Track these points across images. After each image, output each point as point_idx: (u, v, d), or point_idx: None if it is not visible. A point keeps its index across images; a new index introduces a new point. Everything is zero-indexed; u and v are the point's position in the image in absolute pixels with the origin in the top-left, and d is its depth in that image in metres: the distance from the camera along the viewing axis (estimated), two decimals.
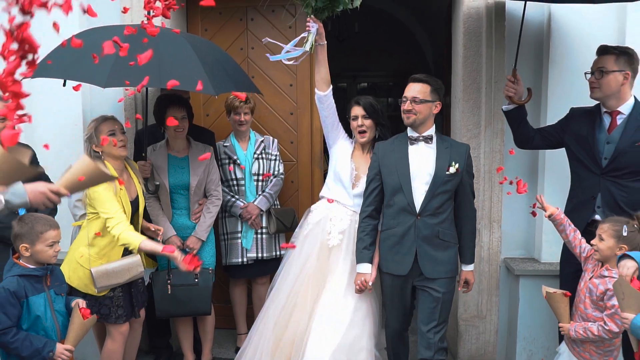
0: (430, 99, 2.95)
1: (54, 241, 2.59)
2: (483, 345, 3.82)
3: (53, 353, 2.56)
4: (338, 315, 3.00)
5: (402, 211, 2.96)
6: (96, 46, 2.61)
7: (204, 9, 4.23)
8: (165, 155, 3.44)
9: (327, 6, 3.05)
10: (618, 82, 2.90)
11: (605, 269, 2.65)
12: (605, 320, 2.58)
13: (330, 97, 3.21)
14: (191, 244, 3.40)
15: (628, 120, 2.92)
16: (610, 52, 2.94)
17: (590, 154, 2.96)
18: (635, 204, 2.84)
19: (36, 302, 2.57)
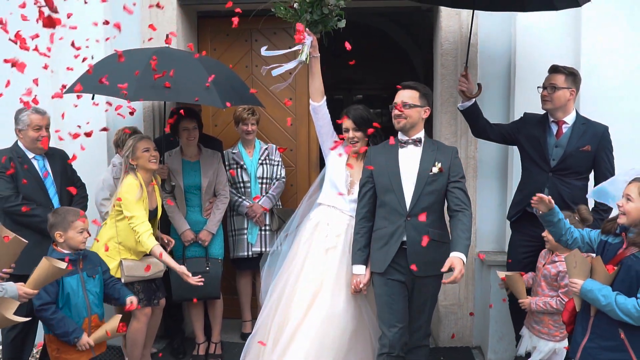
0: (419, 104, 3.07)
1: (83, 228, 3.08)
2: (461, 329, 4.30)
3: (78, 339, 2.99)
4: (333, 314, 3.07)
5: (392, 211, 3.04)
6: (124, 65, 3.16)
7: (213, 32, 4.76)
8: (180, 160, 3.93)
9: (322, 20, 3.23)
10: (566, 97, 3.44)
11: (555, 255, 3.14)
12: (561, 296, 3.06)
13: (325, 108, 3.34)
14: (203, 236, 3.88)
15: (572, 129, 3.45)
16: (561, 72, 3.46)
17: (541, 154, 3.47)
18: (576, 198, 3.36)
19: (69, 282, 3.04)
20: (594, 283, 2.45)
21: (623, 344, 2.39)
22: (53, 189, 3.61)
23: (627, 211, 2.44)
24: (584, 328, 2.55)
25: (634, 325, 2.36)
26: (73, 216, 3.07)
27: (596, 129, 3.45)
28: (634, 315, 2.32)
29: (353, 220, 3.23)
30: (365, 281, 3.10)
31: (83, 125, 3.96)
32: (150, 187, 3.55)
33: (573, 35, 3.94)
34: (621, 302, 2.35)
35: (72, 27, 3.74)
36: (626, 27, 3.88)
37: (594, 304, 2.46)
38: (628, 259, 2.42)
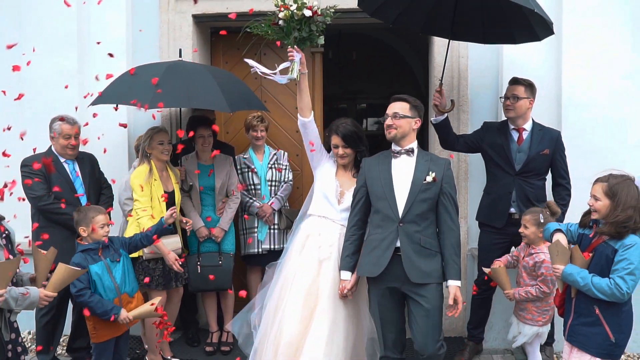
0: (410, 115, 3.16)
1: (104, 223, 3.45)
2: (455, 321, 4.62)
3: (118, 315, 3.37)
4: (337, 321, 3.17)
5: (385, 218, 3.12)
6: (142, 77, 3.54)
7: (225, 46, 5.15)
8: (195, 164, 4.31)
9: (309, 36, 3.33)
10: (526, 107, 3.84)
11: (531, 248, 3.49)
12: (539, 284, 3.40)
13: (313, 123, 3.42)
14: (216, 232, 4.25)
15: (532, 135, 3.84)
16: (521, 83, 3.88)
17: (506, 160, 3.84)
18: (539, 197, 3.79)
19: (93, 269, 3.38)
20: (573, 267, 2.80)
21: (598, 320, 2.74)
22: (82, 189, 3.98)
23: (597, 209, 2.80)
24: (569, 310, 2.90)
25: (608, 303, 2.70)
26: (94, 212, 3.44)
27: (552, 134, 3.87)
28: (607, 292, 2.66)
29: (344, 229, 3.31)
30: (350, 286, 3.17)
31: (105, 133, 4.41)
32: (165, 173, 3.99)
33: (555, 55, 4.34)
34: (596, 282, 2.69)
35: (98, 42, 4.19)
36: (604, 43, 4.28)
37: (574, 285, 2.81)
38: (600, 246, 2.77)
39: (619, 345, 2.73)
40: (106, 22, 4.67)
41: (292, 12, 3.28)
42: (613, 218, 2.70)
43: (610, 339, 2.70)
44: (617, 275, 2.63)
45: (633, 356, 4.29)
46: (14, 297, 2.73)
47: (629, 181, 2.77)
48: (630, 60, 4.29)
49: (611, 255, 2.69)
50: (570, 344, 2.87)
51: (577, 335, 2.80)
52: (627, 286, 2.61)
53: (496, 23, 3.85)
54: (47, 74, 4.57)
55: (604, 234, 2.75)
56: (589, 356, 2.76)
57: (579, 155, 4.08)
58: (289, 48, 3.34)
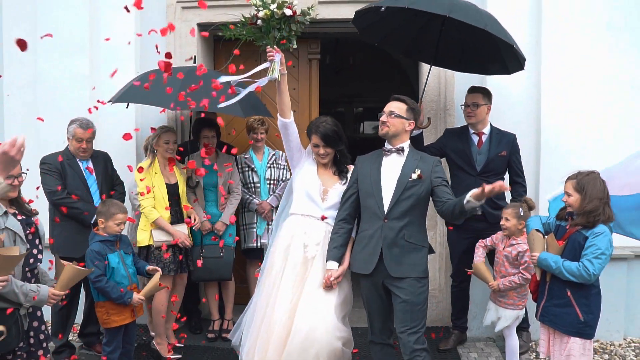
0: (405, 116, 3.21)
1: (121, 221, 3.73)
2: (442, 312, 4.93)
3: (130, 299, 3.66)
4: (316, 316, 3.13)
5: (372, 215, 3.19)
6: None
7: (228, 52, 5.43)
8: (200, 162, 4.60)
9: (289, 37, 3.29)
10: (485, 112, 4.20)
11: (512, 239, 3.79)
12: (522, 272, 3.70)
13: (294, 123, 3.41)
14: (218, 226, 4.54)
15: (490, 138, 4.19)
16: (479, 91, 4.23)
17: (467, 162, 4.17)
18: (500, 195, 4.07)
19: (112, 259, 3.68)
20: (547, 254, 3.11)
21: (570, 301, 3.03)
22: (95, 186, 4.27)
23: (570, 203, 3.11)
24: (542, 292, 3.21)
25: (578, 286, 3.00)
26: (116, 209, 3.71)
27: (508, 138, 4.22)
28: (576, 273, 2.96)
29: (329, 226, 3.35)
30: (337, 275, 3.20)
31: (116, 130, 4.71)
32: (167, 167, 4.32)
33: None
34: (567, 265, 3.00)
35: (107, 38, 4.48)
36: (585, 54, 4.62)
37: (548, 270, 3.11)
38: (573, 234, 3.08)
39: (588, 324, 3.03)
40: (116, 29, 4.97)
41: (272, 11, 3.26)
42: (583, 209, 3.01)
43: (580, 318, 3.00)
44: (586, 258, 2.94)
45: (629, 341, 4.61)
46: (24, 292, 2.94)
47: (594, 175, 3.09)
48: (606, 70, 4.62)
49: (582, 242, 3.00)
50: (543, 324, 3.16)
51: (550, 315, 3.10)
52: (594, 268, 2.91)
53: (474, 54, 4.21)
54: (61, 77, 4.88)
55: (578, 225, 3.05)
56: (566, 337, 3.05)
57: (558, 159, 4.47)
58: (268, 48, 3.29)
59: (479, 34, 3.68)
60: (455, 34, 4.03)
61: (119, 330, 3.74)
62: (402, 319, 3.13)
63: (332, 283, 3.20)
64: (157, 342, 4.30)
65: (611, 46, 4.63)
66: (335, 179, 3.46)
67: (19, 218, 3.16)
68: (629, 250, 4.59)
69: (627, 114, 4.63)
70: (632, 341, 4.63)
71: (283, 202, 3.63)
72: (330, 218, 3.37)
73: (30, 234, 3.21)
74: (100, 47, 4.95)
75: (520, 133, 4.59)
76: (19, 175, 3.19)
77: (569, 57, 4.60)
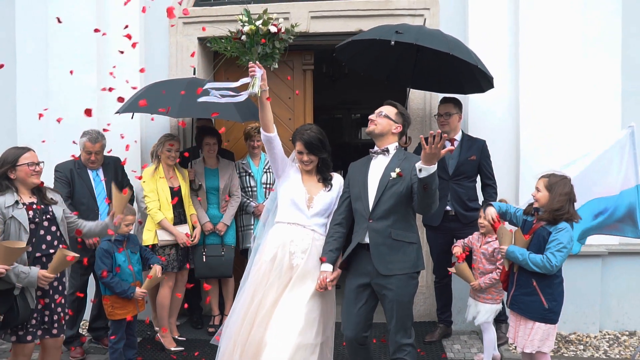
0: (394, 119, 3.27)
1: (130, 223, 4.05)
2: (429, 307, 5.23)
3: (133, 294, 3.98)
4: (295, 321, 3.16)
5: (360, 217, 3.26)
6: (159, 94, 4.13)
7: (227, 63, 5.74)
8: (202, 168, 4.93)
9: (272, 53, 3.29)
10: (457, 120, 4.52)
11: (488, 237, 4.08)
12: (499, 267, 3.98)
13: (277, 137, 3.42)
14: (220, 227, 4.86)
15: (461, 144, 4.51)
16: (450, 101, 4.57)
17: (440, 166, 4.36)
18: (472, 197, 4.48)
19: (119, 257, 4.00)
20: (514, 247, 3.40)
21: (535, 290, 3.32)
22: (103, 193, 4.56)
23: (538, 198, 3.41)
24: (512, 282, 3.49)
25: (542, 276, 3.28)
26: (126, 212, 4.02)
27: (478, 143, 4.53)
28: (540, 265, 3.24)
29: (316, 233, 3.38)
30: (332, 277, 3.25)
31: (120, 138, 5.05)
32: (172, 173, 4.66)
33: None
34: (532, 257, 3.29)
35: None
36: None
37: (515, 262, 3.39)
38: (538, 229, 3.37)
39: (552, 311, 3.31)
40: (122, 43, 5.29)
41: (257, 27, 3.27)
42: (550, 206, 3.31)
43: (544, 305, 3.29)
44: (549, 252, 3.23)
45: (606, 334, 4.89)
46: (16, 273, 3.19)
47: (565, 180, 3.39)
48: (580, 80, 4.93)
49: (546, 237, 3.29)
50: (513, 311, 3.46)
51: (519, 303, 3.39)
52: (556, 260, 3.20)
53: (449, 76, 4.58)
54: (71, 90, 5.22)
55: (543, 220, 3.35)
56: (531, 322, 3.34)
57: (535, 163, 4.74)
58: (250, 64, 3.28)
59: (450, 58, 4.06)
60: (430, 59, 4.41)
61: (122, 322, 4.05)
62: (390, 315, 3.21)
63: (328, 285, 3.25)
64: (161, 335, 4.60)
65: (585, 57, 4.93)
66: (320, 186, 3.49)
67: (36, 208, 3.43)
68: (603, 248, 4.88)
69: (601, 120, 4.92)
70: (607, 333, 4.91)
71: (267, 208, 3.65)
72: (316, 225, 3.40)
73: (46, 221, 3.46)
74: (108, 62, 5.29)
75: (501, 139, 4.94)
76: (38, 164, 3.48)
77: (545, 68, 4.92)
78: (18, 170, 3.42)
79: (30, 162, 3.44)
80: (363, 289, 3.27)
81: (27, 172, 3.42)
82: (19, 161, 3.42)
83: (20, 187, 3.45)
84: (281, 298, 3.24)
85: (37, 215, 3.43)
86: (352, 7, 5.26)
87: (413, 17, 5.18)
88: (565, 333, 4.87)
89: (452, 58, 4.07)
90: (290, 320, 3.16)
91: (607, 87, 4.95)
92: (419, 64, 4.50)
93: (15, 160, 3.42)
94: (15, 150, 3.50)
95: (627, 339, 4.80)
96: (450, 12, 5.18)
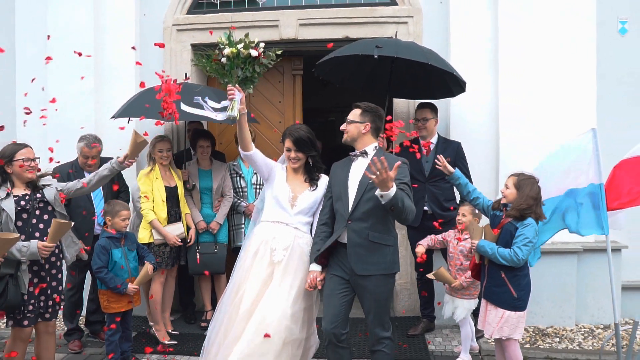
0: (359, 120, 3.35)
1: (126, 217, 4.25)
2: (413, 302, 5.44)
3: (125, 289, 4.17)
4: (279, 317, 3.26)
5: (340, 217, 3.35)
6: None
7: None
8: (196, 169, 5.15)
9: (251, 77, 3.34)
10: (433, 125, 4.77)
11: (465, 234, 4.30)
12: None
13: (256, 152, 3.51)
14: (213, 226, 5.08)
15: (436, 147, 4.77)
16: (427, 107, 4.82)
17: (417, 169, 4.73)
18: (448, 197, 4.71)
19: (116, 253, 4.19)
20: (484, 241, 3.61)
21: (504, 282, 3.52)
22: (100, 195, 4.76)
23: (506, 195, 3.63)
24: (483, 275, 3.70)
25: (510, 269, 3.49)
26: (120, 207, 4.24)
27: (453, 145, 4.77)
28: (507, 258, 3.45)
29: (299, 231, 3.49)
30: (322, 277, 3.39)
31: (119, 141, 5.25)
32: (168, 173, 4.87)
33: None
34: (500, 251, 3.50)
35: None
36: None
37: (485, 255, 3.60)
38: (506, 225, 3.58)
39: (520, 299, 3.52)
40: (118, 50, 5.53)
41: (238, 50, 3.30)
42: (518, 205, 3.52)
43: (513, 295, 3.51)
44: (516, 246, 3.44)
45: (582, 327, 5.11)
46: (18, 249, 3.41)
47: (533, 180, 3.60)
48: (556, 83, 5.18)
49: (513, 232, 3.51)
50: (486, 300, 3.67)
51: (491, 294, 3.60)
52: (522, 254, 3.42)
53: (421, 84, 4.86)
54: (69, 94, 5.42)
55: (510, 217, 3.57)
56: (502, 310, 3.55)
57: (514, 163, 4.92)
58: (229, 86, 3.32)
59: (424, 67, 4.35)
60: (404, 69, 4.67)
61: (118, 316, 4.24)
62: (367, 311, 3.36)
63: (318, 284, 3.36)
64: (156, 329, 4.81)
65: (561, 62, 5.17)
66: (306, 185, 3.58)
67: (28, 198, 3.62)
68: (579, 245, 5.11)
69: (576, 122, 5.11)
70: (583, 327, 5.13)
71: (258, 208, 3.77)
72: (299, 223, 3.51)
73: (39, 209, 3.65)
74: (105, 67, 5.51)
75: (481, 141, 5.18)
76: (33, 159, 3.68)
77: (523, 73, 5.16)
78: (14, 165, 3.63)
79: (25, 158, 3.65)
80: (342, 283, 3.37)
81: (22, 167, 3.63)
82: (15, 156, 3.64)
83: (15, 180, 3.67)
84: (265, 294, 3.33)
85: (28, 204, 3.61)
86: (339, 14, 5.50)
87: (397, 24, 5.42)
88: (542, 326, 5.10)
89: (426, 67, 4.33)
90: (274, 316, 3.26)
91: (583, 91, 5.18)
92: (394, 73, 4.76)
93: (12, 155, 3.65)
94: (14, 146, 3.72)
95: (602, 332, 5.03)
96: (433, 20, 5.43)
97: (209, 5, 5.79)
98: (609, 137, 4.79)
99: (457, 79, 4.52)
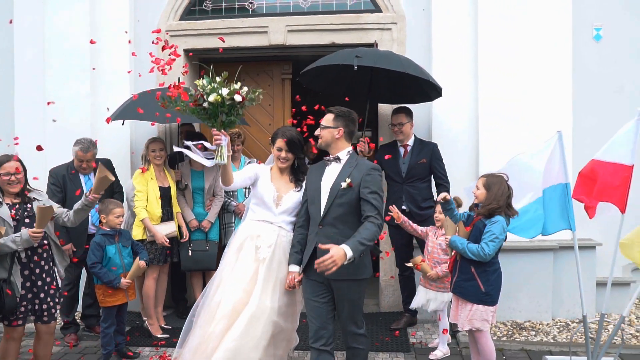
0: (332, 125, 3.38)
1: (119, 215, 4.44)
2: (397, 298, 5.65)
3: (119, 283, 4.38)
4: (259, 314, 3.37)
5: (313, 221, 3.40)
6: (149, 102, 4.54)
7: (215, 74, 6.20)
8: (189, 169, 5.36)
9: (236, 120, 3.33)
10: (409, 128, 4.98)
11: (443, 230, 4.51)
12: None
13: (236, 179, 3.62)
14: (204, 224, 5.29)
15: (412, 149, 4.98)
16: (402, 111, 5.03)
17: (395, 171, 4.95)
18: (426, 196, 4.93)
19: (110, 250, 4.40)
20: (456, 237, 3.82)
21: (474, 276, 3.73)
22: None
23: (477, 195, 3.84)
24: (455, 270, 3.91)
25: (479, 264, 3.69)
26: (113, 205, 4.44)
27: (428, 147, 4.98)
28: (475, 253, 3.65)
29: (282, 230, 3.60)
30: (299, 278, 3.47)
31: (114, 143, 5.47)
32: (162, 173, 5.08)
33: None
34: (470, 246, 3.70)
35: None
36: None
37: (457, 250, 3.81)
38: (477, 222, 3.80)
39: (489, 294, 3.72)
40: (113, 55, 5.73)
41: (223, 97, 3.25)
42: (487, 204, 3.74)
43: (481, 289, 3.71)
44: (484, 242, 3.65)
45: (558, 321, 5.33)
46: (12, 240, 3.56)
47: (501, 179, 3.81)
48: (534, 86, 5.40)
49: (482, 229, 3.72)
50: (455, 294, 3.89)
51: (460, 288, 3.81)
52: (489, 249, 3.63)
53: (400, 90, 5.08)
54: (65, 98, 5.63)
55: (480, 215, 3.79)
56: (470, 304, 3.77)
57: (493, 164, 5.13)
58: (214, 131, 3.35)
59: (402, 75, 4.58)
60: (383, 76, 4.91)
61: (113, 309, 4.45)
62: (340, 309, 3.43)
63: (296, 285, 3.47)
64: (149, 323, 5.02)
65: (539, 67, 5.39)
66: (291, 186, 3.70)
67: (18, 207, 3.77)
68: (555, 243, 5.33)
69: (553, 125, 5.27)
70: (558, 321, 5.35)
71: (247, 208, 3.89)
72: (283, 222, 3.63)
73: (27, 218, 3.80)
74: (100, 72, 5.72)
75: (462, 143, 5.42)
76: (14, 174, 3.76)
77: (502, 78, 5.38)
78: (0, 177, 3.74)
79: (6, 173, 3.73)
80: (318, 286, 3.41)
81: (2, 181, 3.75)
82: (0, 169, 3.73)
83: (5, 191, 3.80)
84: (252, 291, 3.43)
85: (18, 213, 3.77)
86: (326, 21, 5.71)
87: (382, 30, 5.65)
88: (520, 321, 5.32)
89: (403, 75, 4.57)
90: (262, 311, 3.39)
91: (559, 94, 5.41)
92: (374, 81, 4.99)
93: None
94: (0, 158, 3.79)
95: (577, 325, 5.26)
96: (416, 26, 5.65)
97: (200, 12, 6.01)
98: (584, 138, 5.11)
99: (433, 85, 4.75)
